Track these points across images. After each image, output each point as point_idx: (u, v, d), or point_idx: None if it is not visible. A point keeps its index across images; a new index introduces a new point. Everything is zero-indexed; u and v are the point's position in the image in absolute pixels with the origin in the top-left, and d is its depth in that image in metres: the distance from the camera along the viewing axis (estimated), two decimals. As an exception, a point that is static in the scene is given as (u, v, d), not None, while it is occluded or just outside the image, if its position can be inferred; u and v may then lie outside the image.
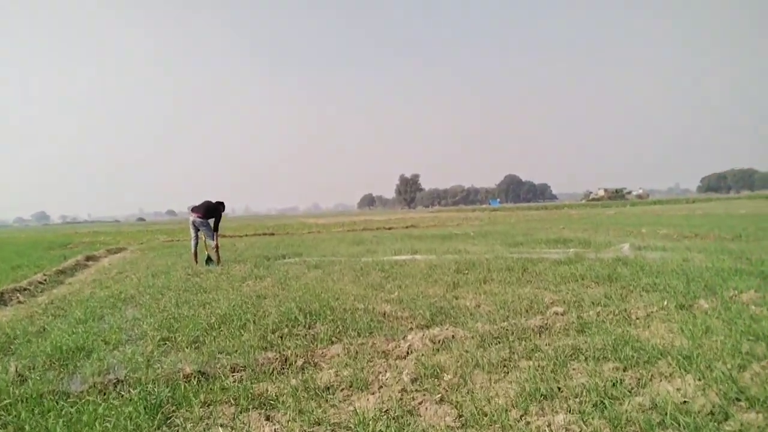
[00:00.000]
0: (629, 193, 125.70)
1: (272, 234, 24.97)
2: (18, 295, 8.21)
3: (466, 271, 8.26)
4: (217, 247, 11.46)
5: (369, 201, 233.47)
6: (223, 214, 11.86)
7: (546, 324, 4.68)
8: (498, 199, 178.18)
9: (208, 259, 11.34)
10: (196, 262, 11.44)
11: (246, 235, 24.20)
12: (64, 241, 24.79)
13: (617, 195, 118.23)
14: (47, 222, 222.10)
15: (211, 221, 11.67)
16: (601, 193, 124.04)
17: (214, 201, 11.76)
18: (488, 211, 58.48)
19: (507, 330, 4.52)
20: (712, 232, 13.36)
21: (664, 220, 20.85)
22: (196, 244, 11.70)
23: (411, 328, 4.91)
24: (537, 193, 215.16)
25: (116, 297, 7.43)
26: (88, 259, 14.46)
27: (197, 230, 11.58)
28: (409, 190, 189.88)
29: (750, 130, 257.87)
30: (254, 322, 5.30)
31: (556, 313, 5.01)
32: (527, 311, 5.34)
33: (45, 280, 9.86)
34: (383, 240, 16.64)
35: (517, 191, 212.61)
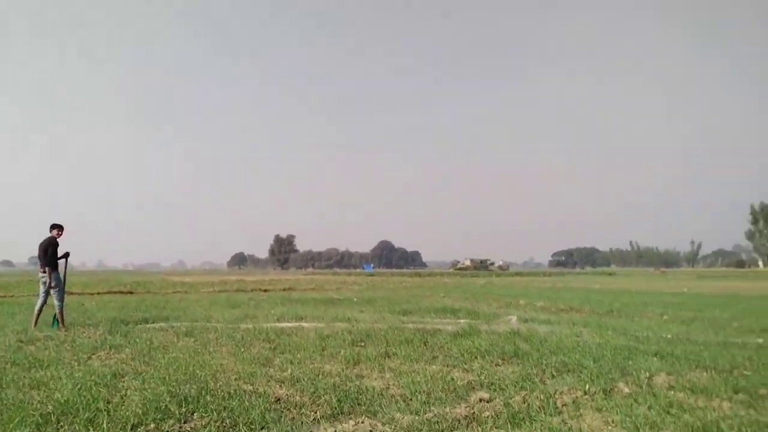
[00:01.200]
0: (492, 264, 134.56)
1: (130, 293, 22.15)
2: None
3: (363, 344, 7.52)
4: (61, 305, 9.53)
5: (240, 260, 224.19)
6: (63, 255, 9.84)
7: (473, 414, 4.08)
8: (372, 264, 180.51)
9: (55, 320, 9.40)
10: (35, 324, 9.38)
11: (98, 293, 21.23)
12: None
13: (482, 265, 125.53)
14: None
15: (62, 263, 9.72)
16: (468, 262, 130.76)
17: (53, 233, 9.70)
18: (364, 276, 58.46)
19: (432, 423, 3.84)
20: (585, 307, 14.03)
21: (534, 293, 21.90)
22: (44, 303, 9.61)
23: (316, 419, 4.03)
24: (409, 259, 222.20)
25: None
26: None
27: (48, 288, 9.55)
28: (284, 251, 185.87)
29: (592, 213, 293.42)
30: (108, 412, 4.04)
31: (482, 400, 4.43)
32: (446, 396, 4.71)
33: None
34: (261, 303, 15.35)
35: (390, 257, 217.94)
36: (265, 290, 24.47)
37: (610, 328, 9.30)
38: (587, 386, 4.83)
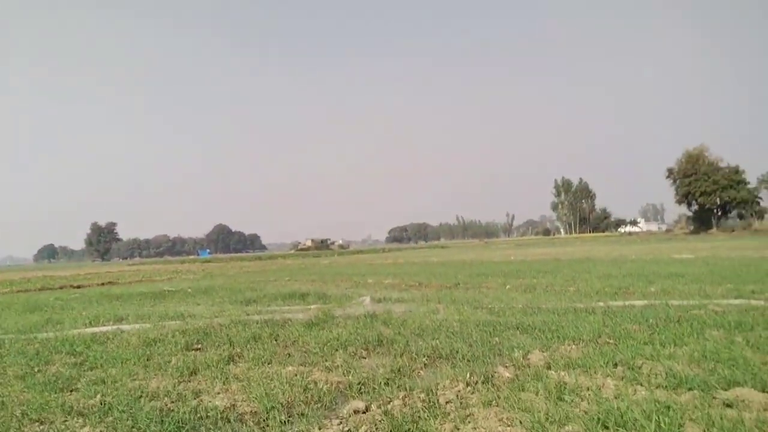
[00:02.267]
0: (333, 243, 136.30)
1: None
2: None
3: (200, 346, 6.28)
4: None
5: (50, 253, 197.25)
6: None
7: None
8: (208, 250, 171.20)
9: None
10: None
11: None
12: None
13: (323, 245, 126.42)
14: None
15: None
16: (309, 243, 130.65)
17: None
18: (200, 263, 54.65)
19: (299, 453, 2.93)
20: (432, 281, 14.10)
21: (380, 270, 21.90)
22: None
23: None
24: (247, 243, 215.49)
25: None
26: None
27: None
28: (103, 240, 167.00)
29: (427, 191, 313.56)
30: None
31: (356, 411, 3.61)
32: (310, 408, 3.82)
33: None
34: (71, 303, 12.87)
35: (227, 241, 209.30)
36: (78, 286, 21.06)
37: (463, 302, 9.19)
38: (468, 375, 4.30)
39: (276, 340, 6.45)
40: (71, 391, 4.64)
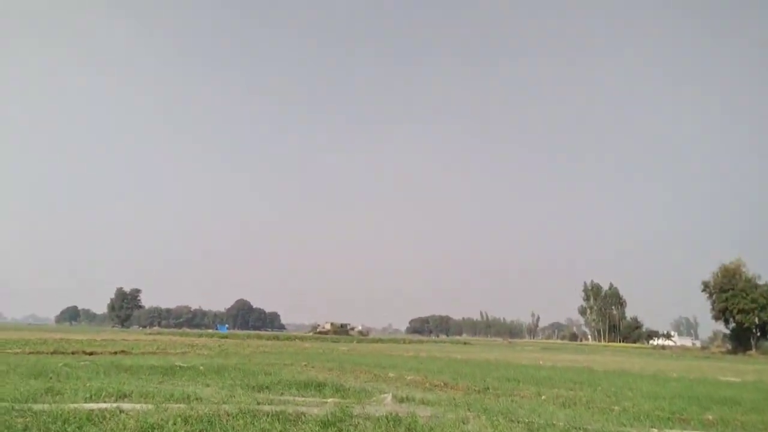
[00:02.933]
0: (352, 328, 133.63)
1: None
2: None
3: (201, 441, 5.58)
4: None
5: (72, 315, 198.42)
6: None
7: None
8: (226, 325, 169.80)
9: None
10: None
11: None
12: None
13: (342, 329, 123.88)
14: None
15: None
16: (328, 326, 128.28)
17: None
18: (217, 338, 53.66)
19: None
20: (458, 382, 13.10)
21: (401, 363, 20.80)
22: None
23: None
24: (266, 320, 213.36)
25: None
26: None
27: None
28: (126, 307, 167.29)
29: (451, 280, 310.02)
30: None
31: None
32: None
33: None
34: (77, 372, 12.26)
35: (247, 318, 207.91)
36: (91, 353, 20.47)
37: (496, 413, 8.27)
38: None
39: (286, 441, 5.71)
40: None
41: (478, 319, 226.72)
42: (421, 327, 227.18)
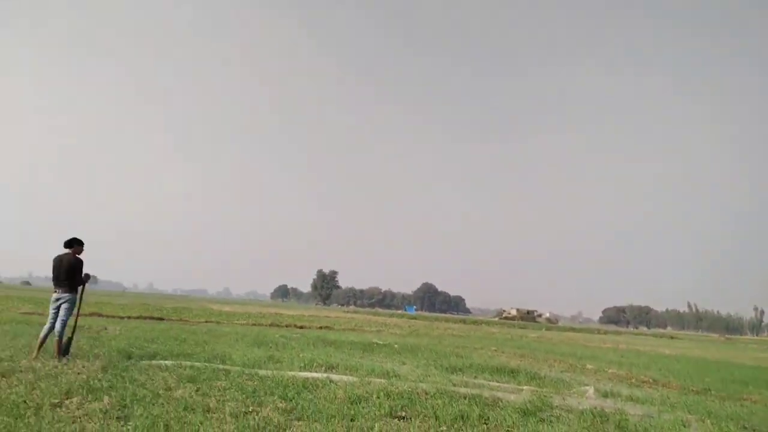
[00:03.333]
0: (539, 315, 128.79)
1: (161, 319, 21.08)
2: None
3: (404, 414, 5.77)
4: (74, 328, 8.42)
5: (283, 292, 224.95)
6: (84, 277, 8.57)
7: None
8: (414, 306, 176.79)
9: (68, 348, 8.17)
10: (38, 352, 8.04)
11: (128, 317, 20.23)
12: None
13: (528, 316, 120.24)
14: None
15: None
16: (514, 312, 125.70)
17: (70, 250, 8.37)
18: (406, 318, 56.18)
19: None
20: (671, 380, 11.72)
21: (600, 355, 19.39)
22: (51, 328, 8.25)
23: None
24: (452, 304, 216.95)
25: None
26: None
27: (57, 310, 8.28)
28: (326, 286, 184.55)
29: (648, 270, 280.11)
30: None
31: None
32: None
33: None
34: (291, 343, 13.76)
35: (433, 300, 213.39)
36: (301, 326, 22.95)
37: (725, 418, 7.17)
38: None
39: (486, 424, 5.63)
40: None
41: (685, 311, 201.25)
42: (617, 317, 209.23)
